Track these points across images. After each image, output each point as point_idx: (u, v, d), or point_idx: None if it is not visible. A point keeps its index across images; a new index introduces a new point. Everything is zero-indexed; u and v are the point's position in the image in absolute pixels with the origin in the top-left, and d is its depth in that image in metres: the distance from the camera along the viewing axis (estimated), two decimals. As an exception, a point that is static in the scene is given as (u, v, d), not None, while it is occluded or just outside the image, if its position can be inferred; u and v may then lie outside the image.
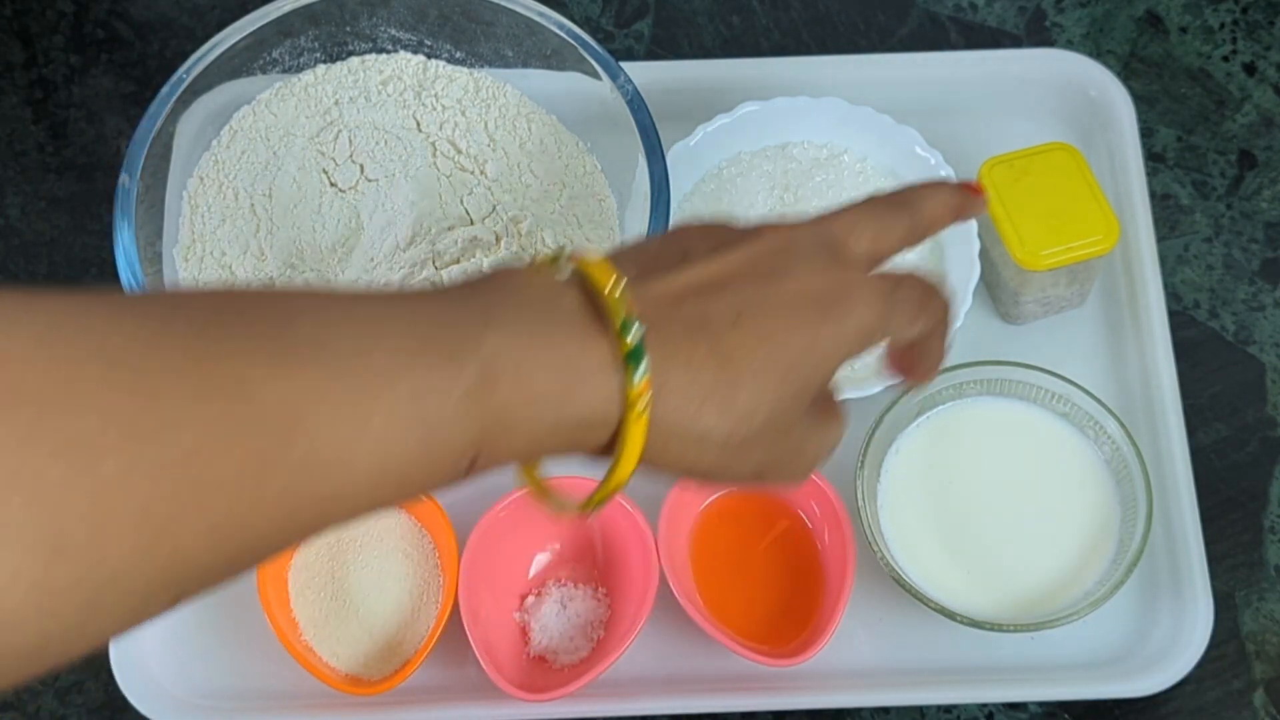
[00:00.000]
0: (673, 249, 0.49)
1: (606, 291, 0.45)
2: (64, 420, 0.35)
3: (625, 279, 0.46)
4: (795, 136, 0.84)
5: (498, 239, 0.76)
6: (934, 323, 0.52)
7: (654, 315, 0.46)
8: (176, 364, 0.38)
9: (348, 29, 0.79)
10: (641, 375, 0.45)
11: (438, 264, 0.75)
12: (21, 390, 0.35)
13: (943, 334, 0.54)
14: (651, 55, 0.91)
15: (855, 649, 0.76)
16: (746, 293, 0.47)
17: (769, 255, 0.48)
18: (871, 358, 0.79)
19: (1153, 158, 0.87)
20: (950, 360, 0.77)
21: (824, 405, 0.51)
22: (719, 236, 0.49)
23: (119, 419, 0.36)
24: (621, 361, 0.44)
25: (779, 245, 0.49)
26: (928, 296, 0.51)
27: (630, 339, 0.45)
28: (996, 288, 0.82)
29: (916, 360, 0.54)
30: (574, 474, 0.77)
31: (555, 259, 0.47)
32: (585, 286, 0.46)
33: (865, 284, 0.49)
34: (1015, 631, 0.72)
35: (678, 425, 0.46)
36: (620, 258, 0.48)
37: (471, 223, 0.76)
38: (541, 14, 0.77)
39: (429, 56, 0.80)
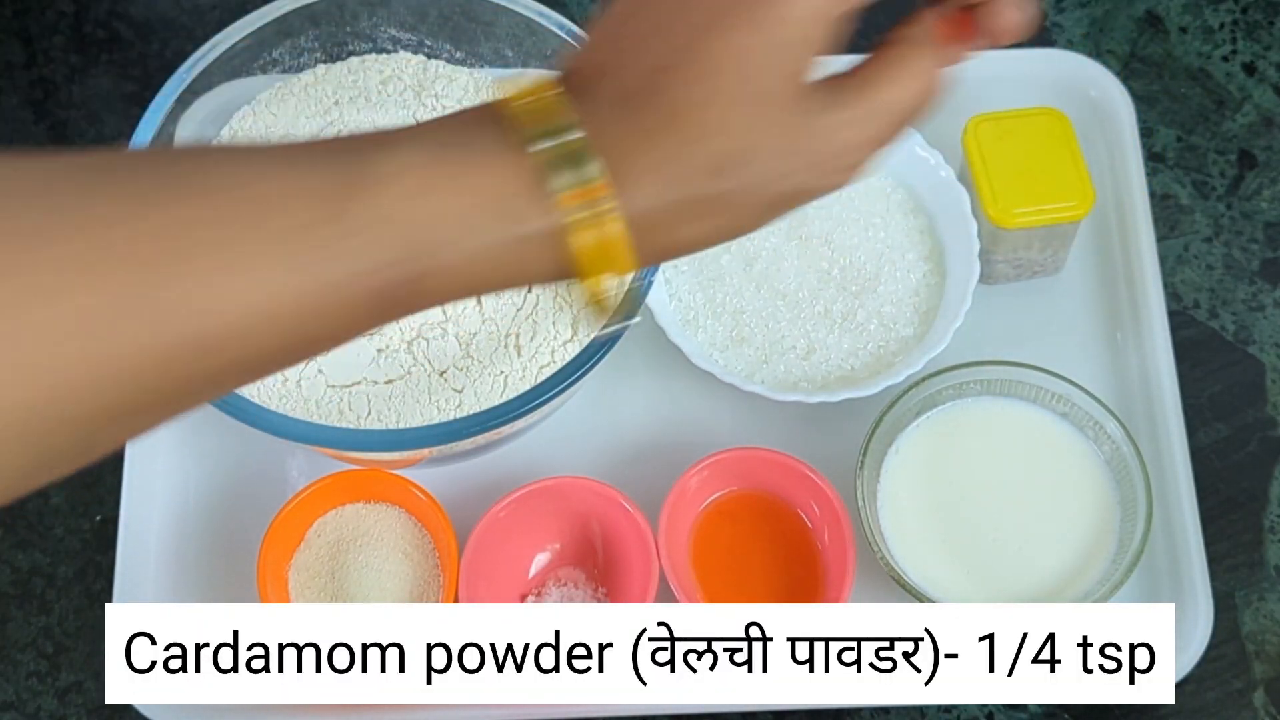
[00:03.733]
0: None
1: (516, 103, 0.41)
2: None
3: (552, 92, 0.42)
4: (795, 136, 0.84)
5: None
6: None
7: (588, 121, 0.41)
8: (50, 208, 0.36)
9: (348, 29, 0.79)
10: (589, 177, 0.40)
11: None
12: None
13: None
14: (651, 55, 0.91)
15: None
16: (658, 43, 0.42)
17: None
18: (870, 356, 0.79)
19: (1153, 158, 0.87)
20: (950, 360, 0.77)
21: (840, 83, 0.44)
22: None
23: None
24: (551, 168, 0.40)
25: None
26: None
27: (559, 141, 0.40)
28: None
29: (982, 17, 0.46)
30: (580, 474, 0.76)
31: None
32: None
33: None
34: (1015, 631, 0.72)
35: (659, 224, 0.42)
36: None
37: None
38: (541, 14, 0.77)
39: (429, 56, 0.80)
